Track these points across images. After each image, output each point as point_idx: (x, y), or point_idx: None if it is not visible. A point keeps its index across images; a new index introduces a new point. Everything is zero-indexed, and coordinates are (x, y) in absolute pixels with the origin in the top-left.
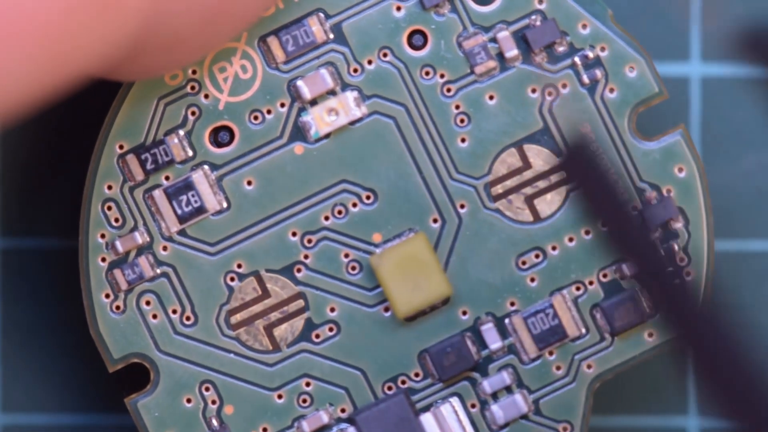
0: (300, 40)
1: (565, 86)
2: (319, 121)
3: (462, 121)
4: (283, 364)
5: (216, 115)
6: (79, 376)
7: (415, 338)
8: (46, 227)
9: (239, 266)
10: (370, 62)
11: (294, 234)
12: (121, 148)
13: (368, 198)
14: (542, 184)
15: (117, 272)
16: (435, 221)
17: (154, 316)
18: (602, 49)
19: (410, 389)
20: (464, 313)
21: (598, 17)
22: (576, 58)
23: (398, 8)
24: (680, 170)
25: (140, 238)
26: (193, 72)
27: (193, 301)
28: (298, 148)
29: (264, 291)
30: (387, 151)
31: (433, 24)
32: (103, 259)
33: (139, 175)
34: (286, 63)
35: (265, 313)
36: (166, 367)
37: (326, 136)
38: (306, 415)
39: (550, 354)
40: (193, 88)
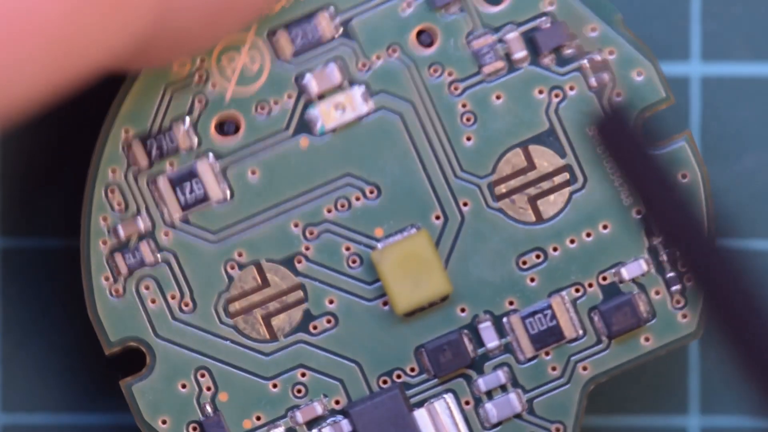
0: (309, 35)
1: (572, 89)
2: (326, 116)
3: (468, 119)
4: (280, 353)
5: (222, 105)
6: (79, 376)
7: (412, 333)
8: (46, 227)
9: (240, 255)
10: (378, 58)
11: (296, 225)
12: (127, 133)
13: (371, 192)
14: (546, 185)
15: (117, 256)
16: (437, 218)
17: (153, 301)
18: (610, 53)
19: (405, 384)
20: (463, 310)
21: (607, 20)
22: (584, 61)
23: (408, 6)
24: (684, 176)
25: (142, 223)
26: (201, 61)
27: (193, 287)
28: (304, 141)
29: (264, 280)
30: (392, 146)
31: (442, 23)
32: (104, 243)
33: (144, 161)
34: (294, 56)
35: (264, 303)
36: (162, 352)
37: (332, 131)
38: (300, 406)
39: (546, 354)
40: (200, 78)
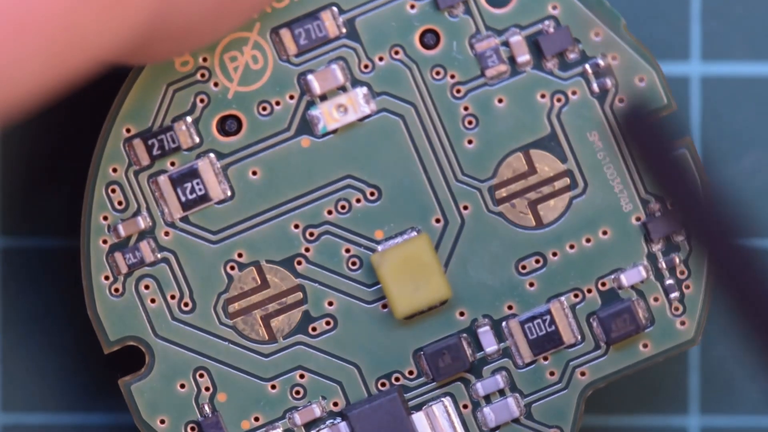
0: (312, 33)
1: (575, 93)
2: (328, 116)
3: (470, 122)
4: (279, 355)
5: (224, 104)
6: (78, 376)
7: (411, 337)
8: (46, 227)
9: (240, 255)
10: (381, 59)
11: (296, 226)
12: (128, 131)
13: (372, 195)
14: (546, 189)
15: (117, 255)
16: (437, 221)
17: (153, 301)
18: (613, 58)
19: (404, 387)
20: (462, 314)
21: (610, 26)
22: (587, 66)
23: (412, 6)
24: None
25: (143, 222)
26: (204, 60)
27: (192, 287)
28: (305, 141)
29: (263, 281)
30: (393, 148)
31: (446, 24)
32: (104, 242)
33: (145, 159)
34: (297, 56)
35: (263, 304)
36: (161, 352)
37: (333, 132)
38: (298, 407)
39: (545, 359)
40: (203, 76)
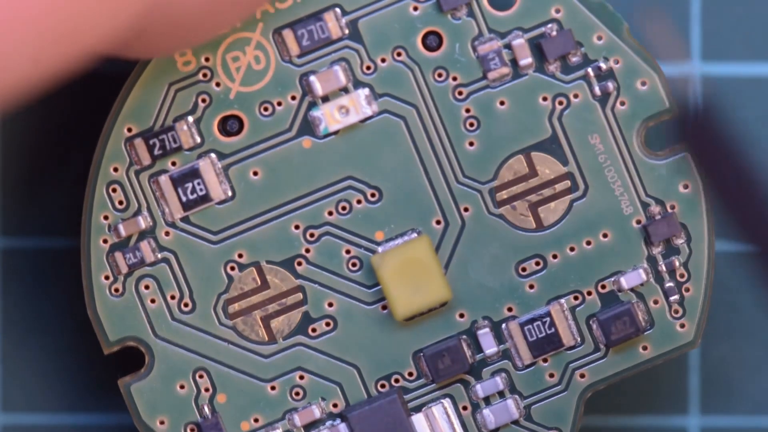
0: (315, 34)
1: (576, 96)
2: (330, 117)
3: (471, 124)
4: (278, 356)
5: (226, 104)
6: (78, 376)
7: (411, 338)
8: (46, 227)
9: (240, 256)
10: (383, 61)
11: (297, 227)
12: (130, 131)
13: (373, 196)
14: (547, 192)
15: (118, 255)
16: (438, 223)
17: (153, 301)
18: (616, 62)
19: (403, 388)
20: (462, 315)
21: (613, 29)
22: (589, 69)
23: (415, 8)
24: (685, 187)
25: (143, 222)
26: (206, 59)
27: (192, 288)
28: (306, 142)
29: (263, 282)
30: (395, 150)
31: (448, 26)
32: (105, 241)
33: (146, 159)
34: (299, 57)
35: (263, 305)
36: (161, 352)
37: (335, 133)
38: (298, 409)
39: (544, 361)
40: (205, 76)
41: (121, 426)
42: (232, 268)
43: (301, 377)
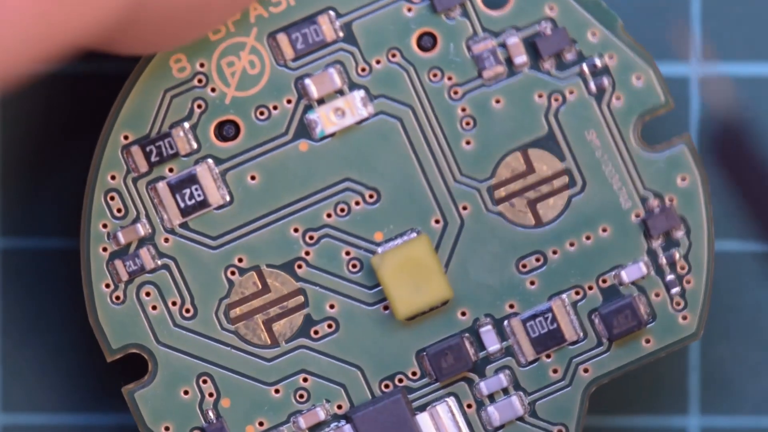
0: (309, 38)
1: (572, 93)
2: (326, 120)
3: (467, 123)
4: (281, 359)
5: (222, 109)
6: (79, 376)
7: (413, 337)
8: (46, 227)
9: (240, 260)
10: (378, 62)
11: (296, 230)
12: (126, 138)
13: (371, 197)
14: (545, 188)
15: (118, 263)
16: (437, 222)
17: (154, 308)
18: (610, 58)
19: (407, 388)
20: (463, 314)
21: (607, 26)
22: (584, 66)
23: (409, 9)
24: (683, 179)
25: (142, 229)
26: (201, 65)
27: (193, 293)
28: (303, 145)
29: (264, 286)
30: (392, 151)
31: (443, 27)
32: (104, 249)
33: (143, 166)
34: (294, 60)
35: (265, 308)
36: (164, 359)
37: (331, 135)
38: (302, 411)
39: (547, 357)
40: (200, 81)
41: (121, 426)
42: (233, 273)
43: (305, 380)
